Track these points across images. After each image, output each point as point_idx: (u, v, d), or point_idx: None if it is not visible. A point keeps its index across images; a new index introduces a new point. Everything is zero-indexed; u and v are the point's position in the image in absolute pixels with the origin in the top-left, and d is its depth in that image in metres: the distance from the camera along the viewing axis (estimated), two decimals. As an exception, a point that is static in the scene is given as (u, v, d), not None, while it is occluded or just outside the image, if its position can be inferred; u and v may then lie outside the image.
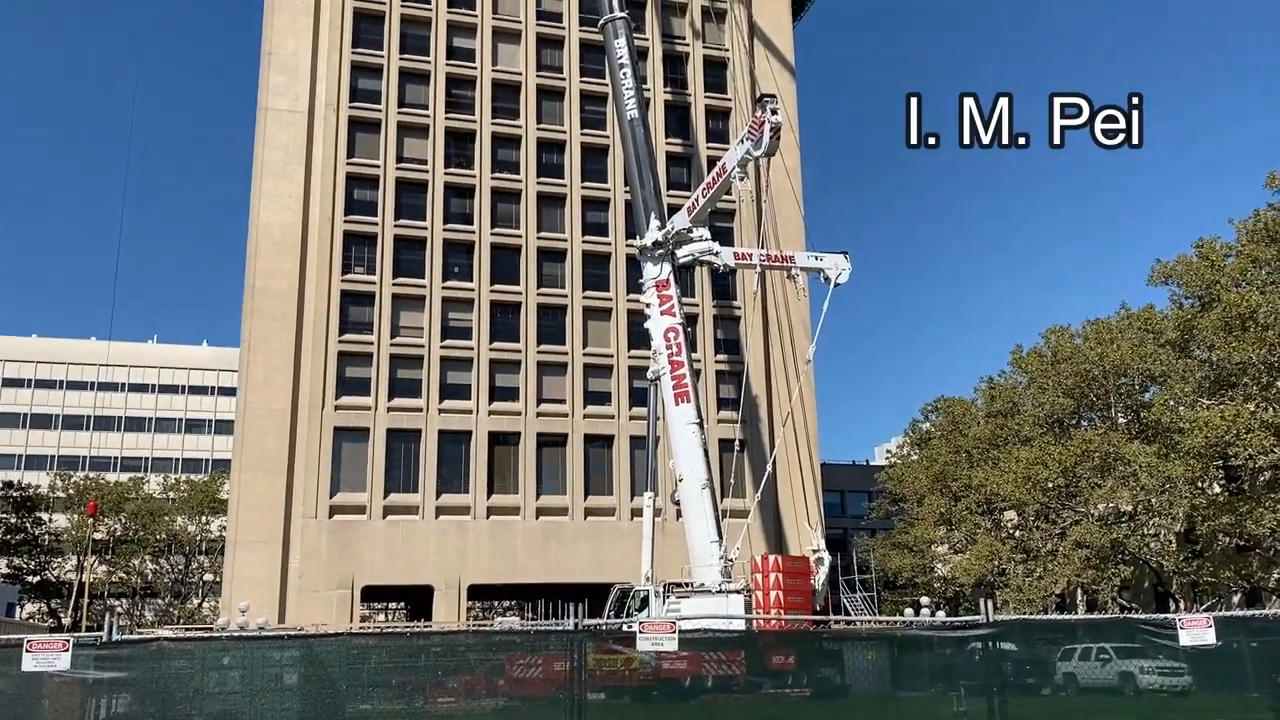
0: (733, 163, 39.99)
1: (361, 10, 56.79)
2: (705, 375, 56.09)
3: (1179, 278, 46.82)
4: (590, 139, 59.17)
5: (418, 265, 54.75)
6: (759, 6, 64.07)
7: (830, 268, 40.39)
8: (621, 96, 46.34)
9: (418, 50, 57.51)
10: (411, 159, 56.07)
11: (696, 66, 62.11)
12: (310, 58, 55.45)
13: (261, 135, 53.82)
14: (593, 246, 57.75)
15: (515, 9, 59.85)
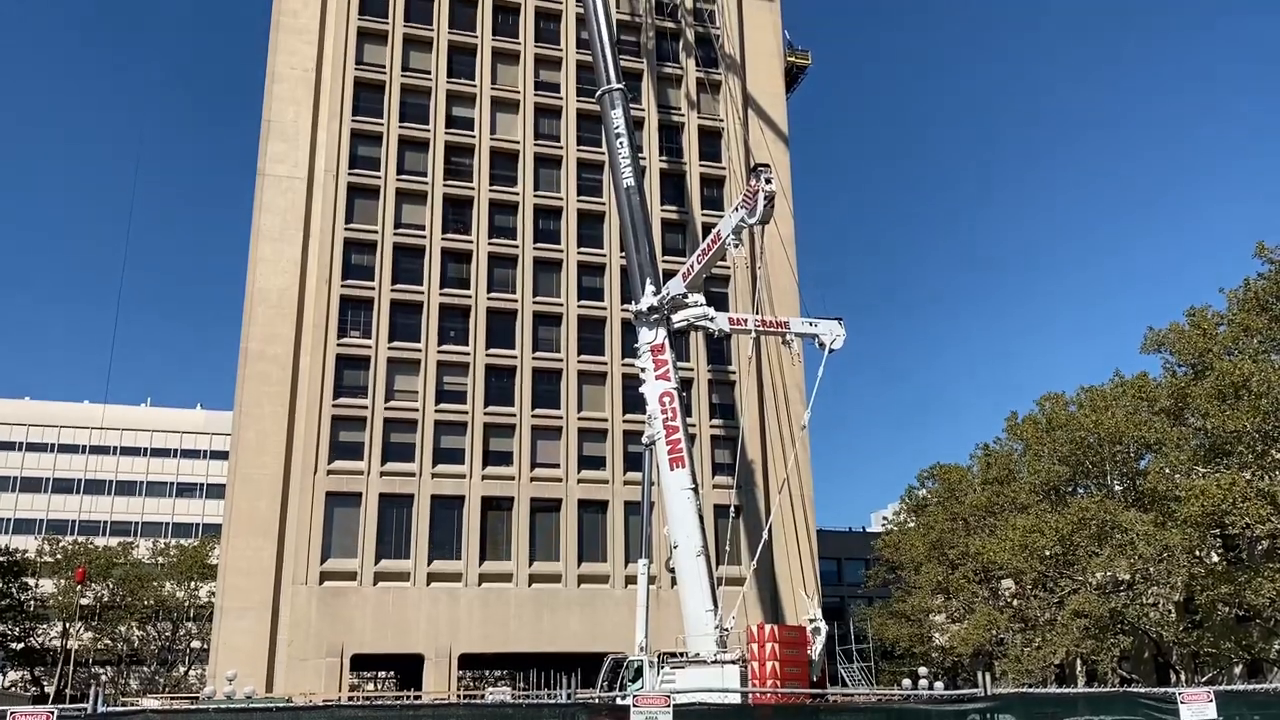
0: (728, 230, 40.43)
1: (362, 80, 57.75)
2: (700, 440, 55.95)
3: (1172, 345, 47.08)
4: (586, 205, 59.80)
5: (413, 329, 54.90)
6: (753, 79, 65.29)
7: (825, 333, 40.59)
8: (618, 165, 46.98)
9: (417, 118, 58.36)
10: (409, 224, 56.56)
11: (692, 136, 63.07)
12: (310, 125, 56.23)
13: (260, 201, 54.33)
14: (588, 311, 58.01)
15: (514, 79, 60.92)
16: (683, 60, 64.30)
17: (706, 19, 64.78)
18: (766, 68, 65.97)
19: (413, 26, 59.61)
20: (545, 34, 62.38)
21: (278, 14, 57.51)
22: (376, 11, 59.20)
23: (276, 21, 57.40)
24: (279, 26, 57.33)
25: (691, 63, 64.24)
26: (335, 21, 58.06)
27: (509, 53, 61.21)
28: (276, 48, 57.01)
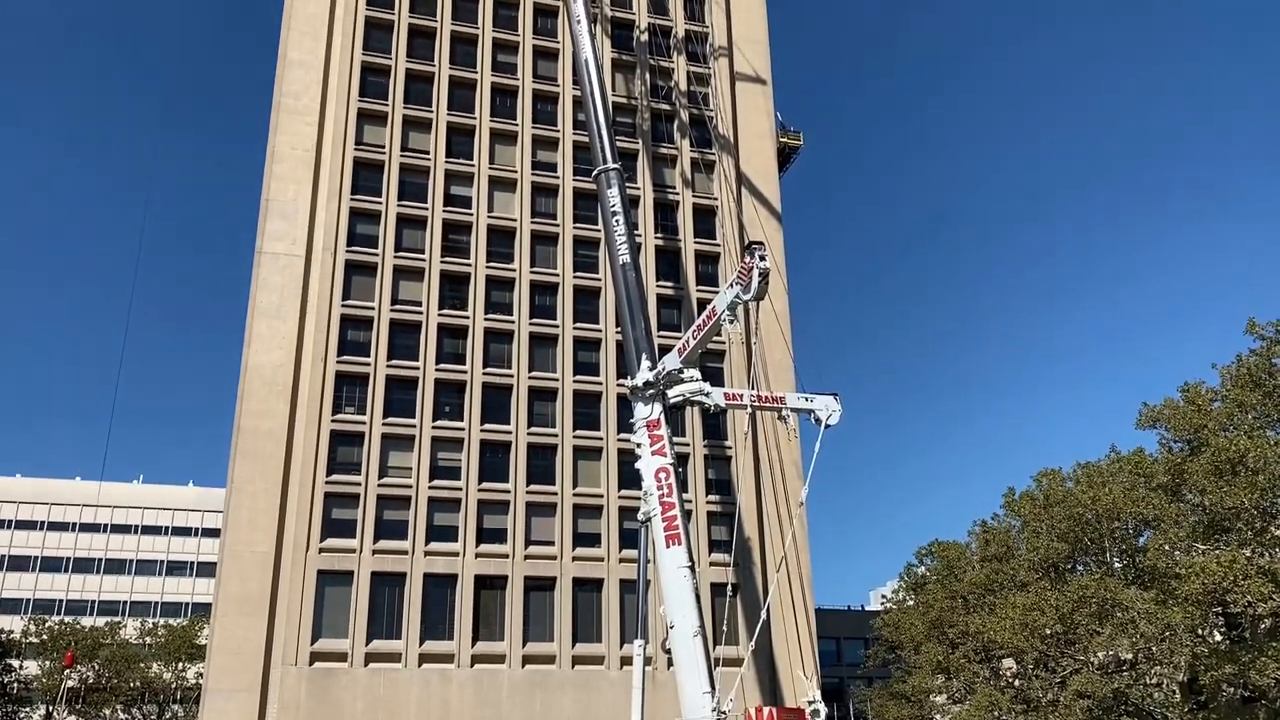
0: (723, 306, 40.62)
1: (362, 159, 58.67)
2: (697, 517, 55.54)
3: (1167, 422, 47.08)
4: (582, 281, 60.27)
5: (409, 405, 54.85)
6: (746, 159, 66.38)
7: (821, 409, 40.48)
8: (614, 242, 47.38)
9: (416, 196, 59.17)
10: (406, 300, 56.92)
11: (687, 214, 63.90)
12: (310, 204, 56.93)
13: (258, 278, 54.70)
14: (583, 386, 58.06)
15: (511, 159, 61.90)
16: (678, 141, 65.47)
17: (700, 101, 66.13)
18: (759, 148, 67.12)
19: (412, 108, 60.79)
20: (542, 116, 63.61)
21: (279, 96, 58.63)
22: (377, 94, 60.42)
23: (278, 103, 58.49)
24: (280, 108, 58.40)
25: (686, 143, 65.41)
26: (336, 103, 59.18)
27: (507, 133, 62.32)
28: (277, 128, 57.99)
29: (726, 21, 69.25)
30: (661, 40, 66.94)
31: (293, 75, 59.18)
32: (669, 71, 66.81)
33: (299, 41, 60.06)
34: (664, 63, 66.85)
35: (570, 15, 52.77)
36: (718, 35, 68.67)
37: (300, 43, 60.06)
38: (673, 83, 66.58)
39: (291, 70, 59.28)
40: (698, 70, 67.32)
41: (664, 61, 66.87)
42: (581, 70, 50.81)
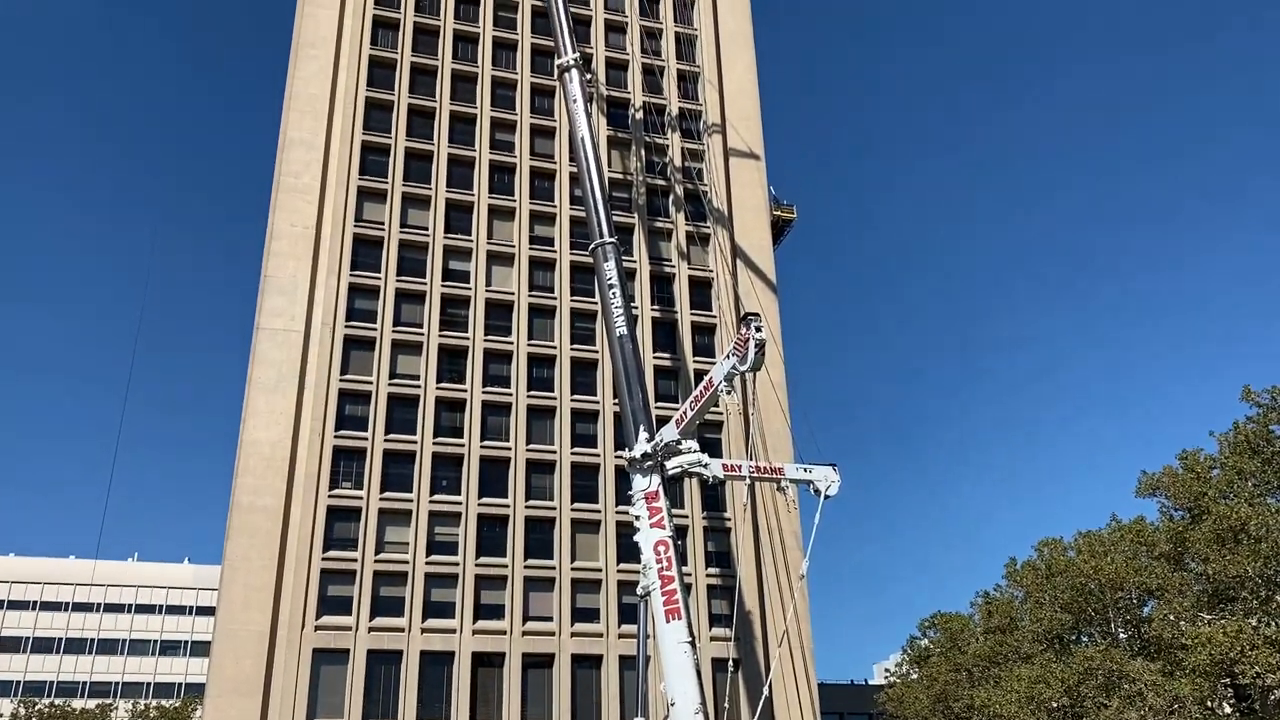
0: (719, 377, 40.82)
1: (362, 236, 59.35)
2: (696, 590, 54.96)
3: (1167, 489, 47.01)
4: (580, 353, 60.55)
5: (406, 479, 54.64)
6: (741, 231, 67.21)
7: (820, 480, 40.42)
8: (611, 314, 47.72)
9: (415, 272, 59.70)
10: (404, 375, 57.08)
11: (683, 286, 64.47)
12: (309, 280, 57.38)
13: (256, 354, 54.89)
14: (581, 458, 57.92)
15: (509, 234, 62.63)
16: (673, 214, 66.37)
17: (695, 176, 67.20)
18: (753, 221, 67.99)
19: (412, 186, 61.71)
20: (540, 191, 64.55)
21: (280, 175, 59.52)
22: (377, 172, 61.38)
23: (278, 181, 59.35)
24: (280, 186, 59.23)
25: (681, 217, 66.30)
26: (336, 181, 60.06)
27: (505, 209, 63.16)
28: (277, 206, 58.74)
29: (719, 100, 70.68)
30: (656, 118, 68.29)
31: (293, 154, 60.15)
32: (664, 148, 68.03)
33: (299, 121, 61.18)
34: (659, 139, 68.10)
35: (567, 95, 53.91)
36: (711, 113, 70.03)
37: (301, 122, 61.17)
38: (668, 159, 67.74)
39: (292, 149, 60.27)
40: (692, 146, 68.57)
41: (659, 138, 68.13)
42: (578, 148, 51.75)
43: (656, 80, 69.96)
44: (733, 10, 74.39)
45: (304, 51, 63.07)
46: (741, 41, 73.53)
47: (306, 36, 63.54)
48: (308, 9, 64.38)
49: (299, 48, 63.11)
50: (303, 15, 64.14)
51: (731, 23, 73.87)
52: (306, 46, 63.23)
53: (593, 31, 69.88)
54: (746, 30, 74.15)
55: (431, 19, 66.91)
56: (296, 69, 62.48)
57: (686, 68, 71.23)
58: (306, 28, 63.82)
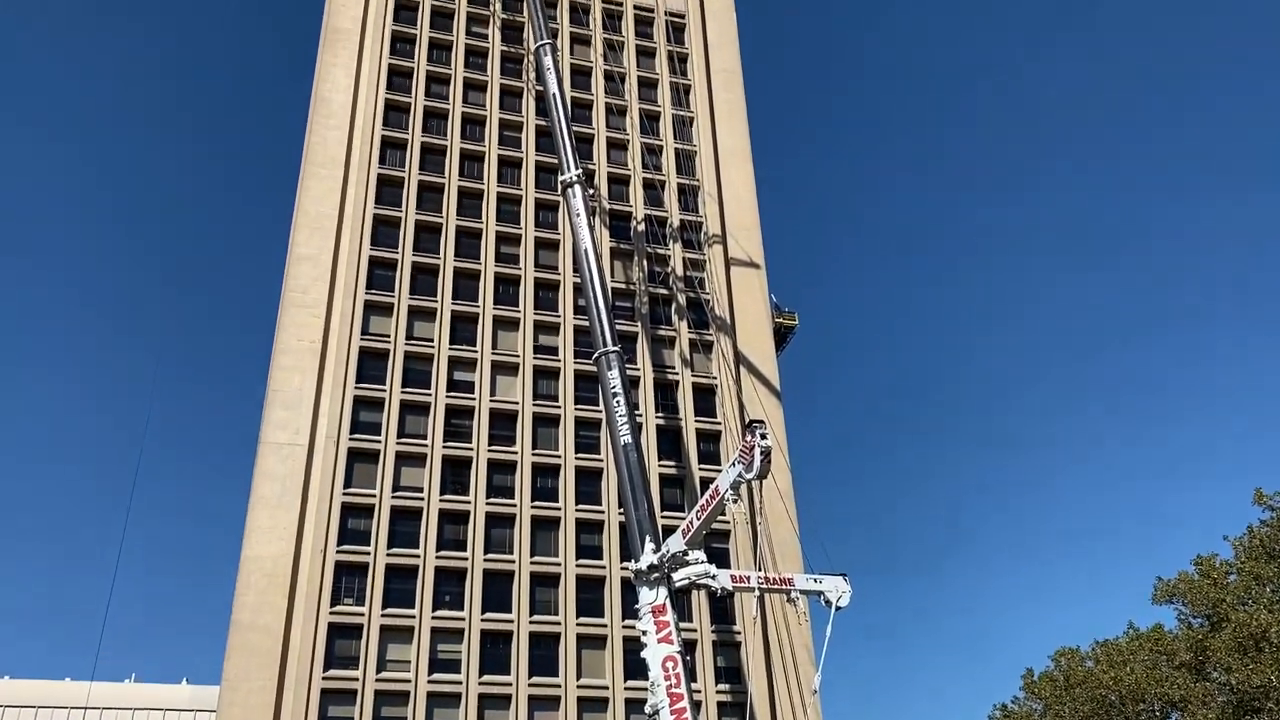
0: (725, 486, 40.59)
1: (367, 349, 59.80)
2: (706, 707, 53.45)
3: (1184, 596, 46.18)
4: (584, 463, 60.27)
5: (408, 595, 53.76)
6: (743, 338, 67.71)
7: (830, 590, 39.82)
8: (615, 423, 47.75)
9: (419, 383, 59.95)
10: (408, 487, 56.75)
11: (687, 393, 64.61)
12: (314, 393, 57.59)
13: (260, 468, 54.71)
14: (587, 571, 57.09)
15: (514, 344, 63.11)
16: (676, 323, 66.98)
17: (697, 285, 68.05)
18: (756, 329, 68.55)
19: (418, 299, 62.48)
20: (544, 302, 65.32)
21: (287, 290, 60.34)
22: (383, 286, 62.22)
23: (285, 297, 60.12)
24: (288, 302, 59.98)
25: (684, 325, 66.89)
26: (343, 296, 60.82)
27: (509, 320, 63.79)
28: (284, 322, 59.35)
29: (719, 211, 72.10)
30: (658, 229, 69.60)
31: (301, 270, 61.10)
32: (666, 258, 69.09)
33: (308, 238, 62.32)
34: (661, 250, 69.24)
35: (570, 209, 55.07)
36: (711, 224, 71.37)
37: (309, 239, 62.30)
38: (669, 268, 68.74)
39: (300, 265, 61.25)
40: (693, 257, 69.66)
41: (661, 249, 69.28)
42: (581, 259, 52.66)
43: (658, 194, 71.52)
44: (730, 127, 76.51)
45: (313, 170, 64.69)
46: (740, 156, 75.42)
47: (316, 156, 65.26)
48: (317, 130, 66.29)
49: (308, 167, 64.77)
50: (312, 136, 66.01)
51: (729, 139, 75.90)
52: (316, 166, 64.88)
53: (595, 148, 71.77)
54: (744, 145, 76.13)
55: (439, 139, 68.81)
56: (306, 187, 64.00)
57: (686, 182, 72.88)
58: (316, 148, 65.60)
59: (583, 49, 76.32)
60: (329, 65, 69.17)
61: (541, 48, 60.94)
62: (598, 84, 74.71)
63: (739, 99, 78.12)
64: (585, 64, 75.48)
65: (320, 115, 66.92)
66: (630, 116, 74.05)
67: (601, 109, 73.63)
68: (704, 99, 76.74)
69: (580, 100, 73.11)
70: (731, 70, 79.38)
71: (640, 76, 76.50)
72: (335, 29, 70.82)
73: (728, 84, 78.51)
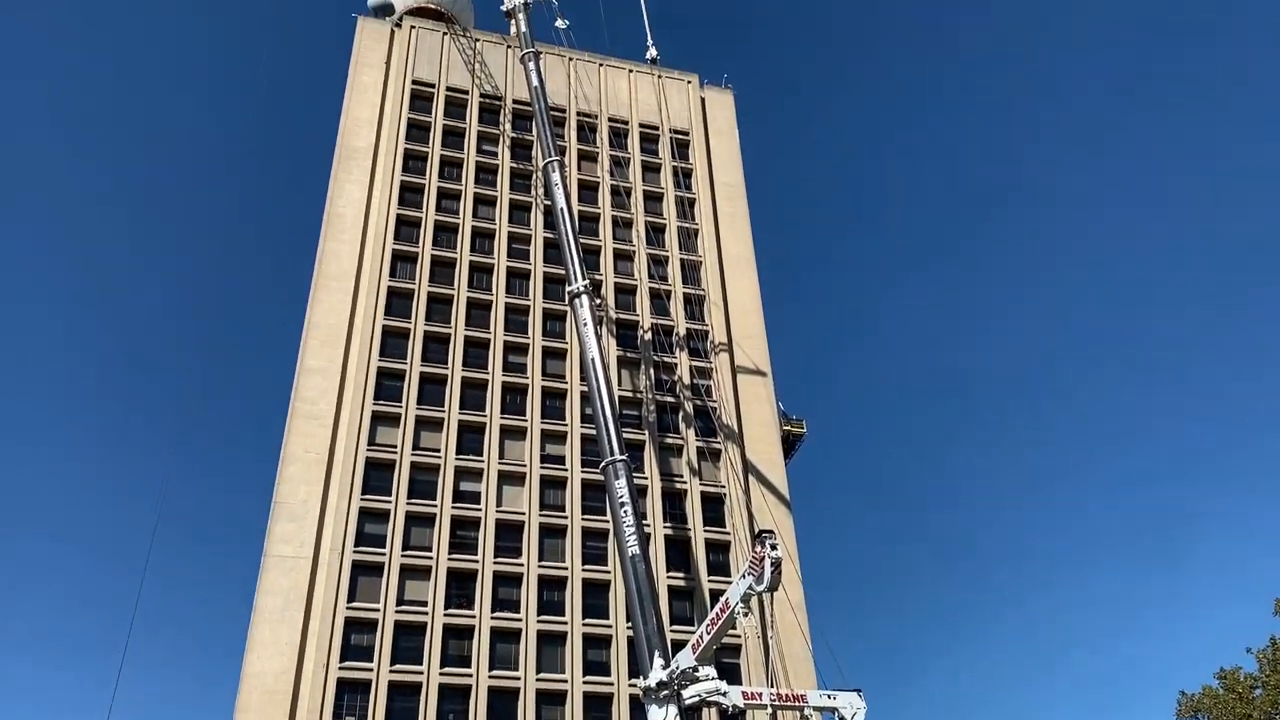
0: (735, 598, 39.81)
1: (374, 459, 59.66)
2: (718, 832, 51.35)
3: (1209, 711, 44.76)
4: (592, 575, 59.38)
5: (410, 714, 52.33)
6: (751, 446, 67.49)
7: (845, 707, 38.72)
8: (622, 533, 47.18)
9: (425, 494, 59.60)
10: (412, 601, 55.84)
11: (695, 502, 64.05)
12: (320, 505, 57.27)
13: (263, 583, 53.98)
14: (594, 688, 55.63)
15: (521, 454, 62.95)
16: (683, 431, 66.87)
17: (703, 393, 68.21)
18: (763, 436, 68.41)
19: (425, 409, 62.60)
20: (551, 411, 65.38)
21: (295, 402, 60.59)
22: (391, 396, 62.46)
23: (294, 409, 60.32)
24: (295, 413, 60.16)
25: (691, 433, 66.77)
26: (350, 407, 61.00)
27: (517, 429, 63.77)
28: (291, 432, 59.46)
29: (725, 320, 72.80)
30: (664, 338, 70.13)
31: (309, 382, 61.45)
32: (673, 367, 69.43)
33: (318, 350, 62.87)
34: (667, 359, 69.64)
35: (577, 319, 55.60)
36: (717, 333, 71.96)
37: (320, 351, 62.85)
38: (676, 377, 69.00)
39: (309, 377, 61.62)
40: (700, 365, 70.00)
41: (667, 357, 69.68)
42: (588, 368, 52.94)
43: (664, 303, 72.32)
44: (735, 237, 77.89)
45: (325, 283, 65.69)
46: (744, 265, 76.56)
47: (328, 270, 66.37)
48: (330, 245, 67.60)
49: (320, 280, 65.79)
50: (325, 250, 67.27)
51: (734, 249, 77.17)
52: (327, 279, 65.92)
53: (602, 259, 72.97)
54: (748, 254, 77.36)
55: (449, 252, 70.05)
56: (317, 300, 64.87)
57: (692, 291, 73.80)
58: (328, 261, 66.77)
59: (589, 165, 78.29)
60: (343, 182, 70.96)
61: (550, 164, 62.45)
62: (604, 198, 76.40)
63: (742, 211, 79.76)
64: (592, 179, 77.31)
65: (333, 230, 68.34)
66: (636, 228, 75.49)
67: (608, 221, 75.12)
68: (708, 211, 78.33)
69: (587, 213, 74.68)
70: (735, 183, 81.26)
71: (646, 190, 78.27)
72: (350, 148, 72.89)
73: (731, 197, 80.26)
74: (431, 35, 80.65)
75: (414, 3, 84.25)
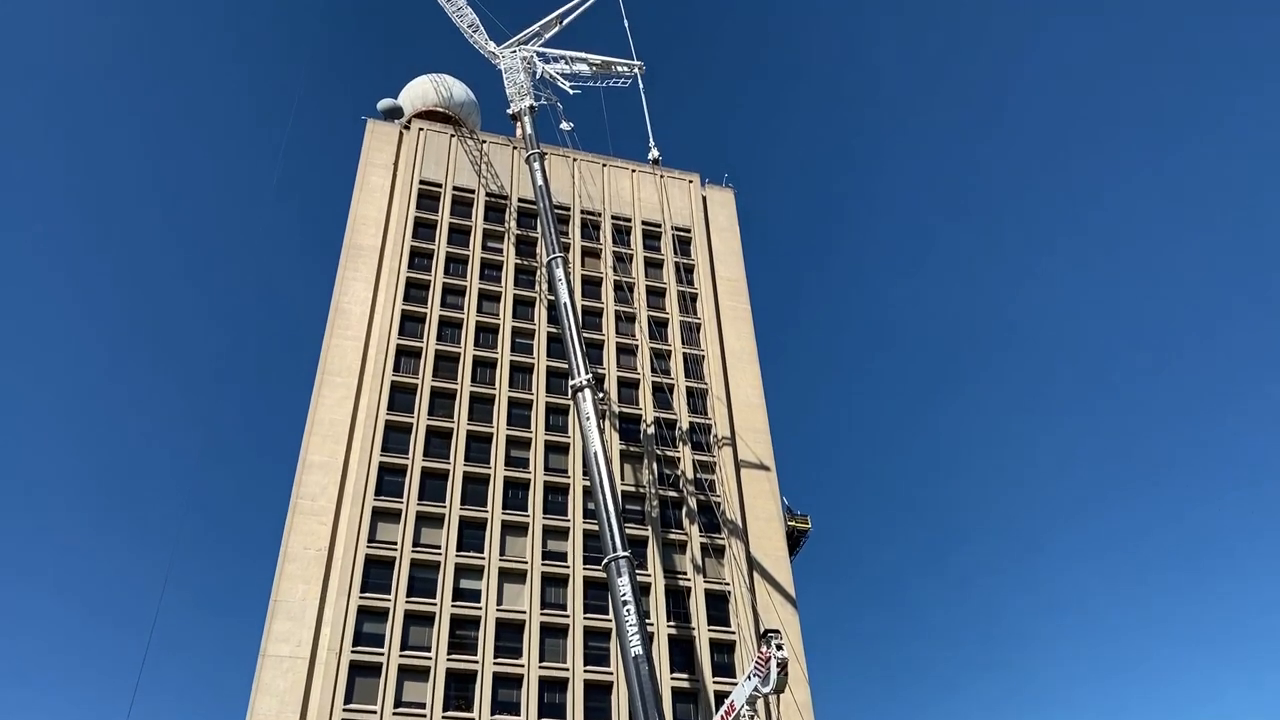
0: (741, 701, 39.03)
1: (373, 556, 58.99)
2: None
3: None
4: (594, 676, 58.04)
5: (408, 822, 50.64)
6: (756, 542, 66.72)
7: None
8: (625, 633, 46.32)
9: (425, 592, 58.71)
10: (410, 703, 54.51)
11: (699, 600, 62.99)
12: (318, 603, 56.46)
13: (259, 683, 52.85)
14: (597, 795, 53.91)
15: (522, 550, 62.20)
16: (687, 527, 66.19)
17: (707, 488, 67.73)
18: (768, 532, 67.70)
19: (426, 505, 62.13)
20: (553, 506, 64.87)
21: (296, 498, 60.24)
22: (392, 492, 62.08)
23: (295, 505, 59.93)
24: (296, 510, 59.76)
25: (695, 529, 66.07)
26: (351, 503, 60.60)
27: (519, 524, 63.17)
28: (292, 529, 58.96)
29: (728, 414, 72.74)
30: (667, 432, 69.97)
31: (311, 478, 61.20)
32: (676, 461, 69.10)
33: (320, 445, 62.78)
34: (670, 453, 69.36)
35: (580, 413, 55.59)
36: (720, 426, 71.82)
37: (322, 446, 62.75)
38: (679, 471, 68.61)
39: (311, 473, 61.40)
40: (703, 459, 69.67)
41: (670, 451, 69.41)
42: (591, 463, 52.67)
43: (666, 397, 72.38)
44: (737, 331, 78.39)
45: (329, 379, 65.98)
46: (746, 359, 76.88)
47: (332, 365, 66.75)
48: (334, 341, 68.10)
49: (324, 375, 66.11)
50: (330, 346, 67.73)
51: (736, 343, 77.59)
52: (331, 374, 66.23)
53: (605, 354, 73.34)
54: (750, 348, 77.74)
55: (453, 346, 70.48)
56: (321, 395, 65.06)
57: (695, 385, 73.93)
58: (333, 357, 67.19)
59: (593, 260, 79.35)
60: (349, 279, 71.88)
61: (554, 260, 63.27)
62: (607, 292, 77.19)
63: (744, 305, 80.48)
64: (595, 274, 78.25)
65: (339, 326, 68.95)
66: (639, 323, 76.07)
67: (611, 316, 75.73)
68: (710, 306, 79.02)
69: (590, 308, 75.38)
70: (736, 278, 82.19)
71: (648, 285, 79.13)
72: (357, 246, 74.04)
73: (733, 291, 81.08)
74: (439, 137, 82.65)
75: (423, 106, 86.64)
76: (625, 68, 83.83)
